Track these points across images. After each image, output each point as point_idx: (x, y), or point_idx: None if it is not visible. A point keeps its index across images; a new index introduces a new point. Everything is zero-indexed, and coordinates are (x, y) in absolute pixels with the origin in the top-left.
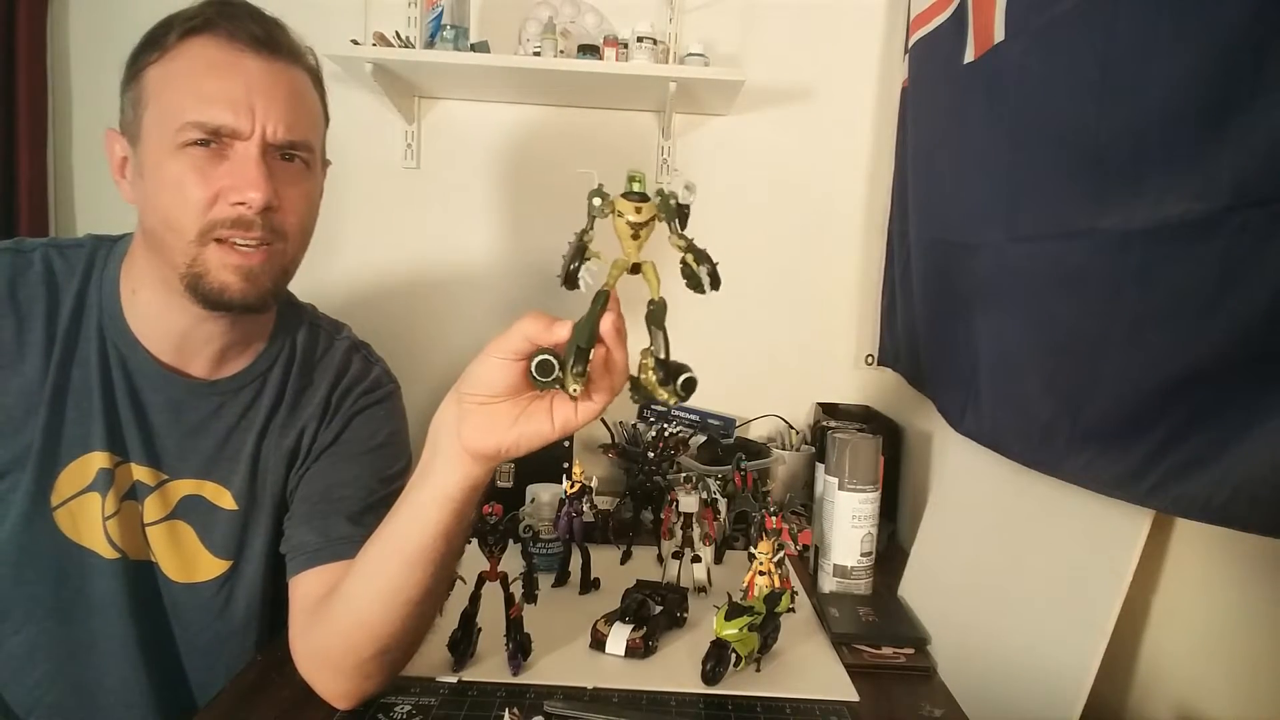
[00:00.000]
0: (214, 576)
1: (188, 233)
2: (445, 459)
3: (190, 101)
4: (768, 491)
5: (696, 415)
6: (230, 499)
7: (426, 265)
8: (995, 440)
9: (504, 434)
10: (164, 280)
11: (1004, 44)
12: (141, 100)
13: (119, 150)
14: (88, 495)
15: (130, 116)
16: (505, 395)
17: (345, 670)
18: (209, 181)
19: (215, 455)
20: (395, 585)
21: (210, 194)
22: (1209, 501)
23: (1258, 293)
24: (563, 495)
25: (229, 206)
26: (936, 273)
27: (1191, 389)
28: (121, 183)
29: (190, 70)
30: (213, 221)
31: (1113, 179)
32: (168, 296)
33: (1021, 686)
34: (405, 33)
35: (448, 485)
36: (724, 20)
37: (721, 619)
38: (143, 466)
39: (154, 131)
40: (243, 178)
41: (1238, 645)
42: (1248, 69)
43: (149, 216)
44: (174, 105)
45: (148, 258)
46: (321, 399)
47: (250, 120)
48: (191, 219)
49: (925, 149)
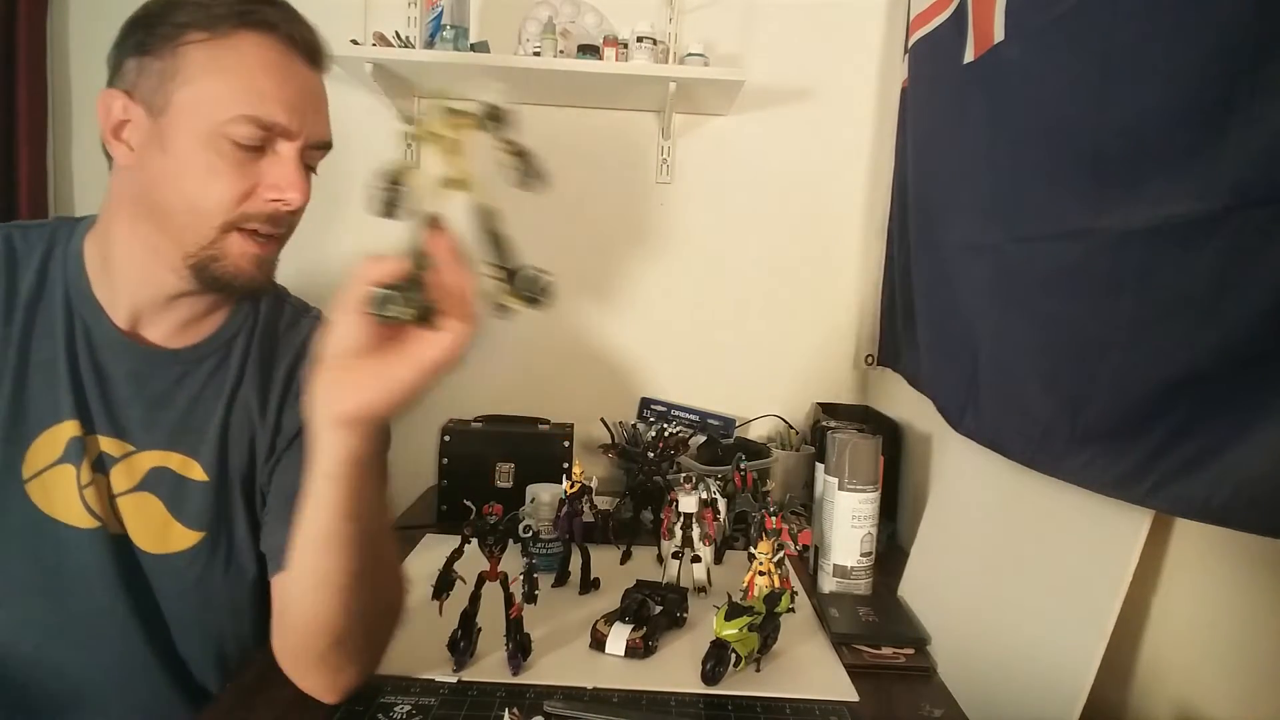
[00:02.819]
0: (187, 547)
1: (214, 219)
2: (319, 436)
3: (246, 97)
4: (767, 491)
5: (696, 415)
6: (200, 470)
7: None
8: (995, 440)
9: (364, 391)
10: (153, 249)
11: (1004, 44)
12: (176, 76)
13: (118, 113)
14: (61, 467)
15: (152, 86)
16: (362, 351)
17: (310, 664)
18: (246, 175)
19: (181, 426)
20: (319, 574)
21: (247, 186)
22: (1209, 501)
23: (1257, 293)
24: (563, 495)
25: (266, 202)
26: (937, 273)
27: (1191, 389)
28: (118, 145)
29: (246, 65)
30: (245, 214)
31: (1112, 179)
32: (150, 265)
33: (1021, 686)
34: (405, 33)
35: (326, 462)
36: (724, 20)
37: (721, 619)
38: (108, 438)
39: (193, 111)
40: (286, 178)
41: (1238, 645)
42: (1247, 69)
43: (165, 193)
44: (226, 95)
45: (136, 226)
46: (284, 376)
47: (300, 122)
48: (224, 207)
49: (925, 149)
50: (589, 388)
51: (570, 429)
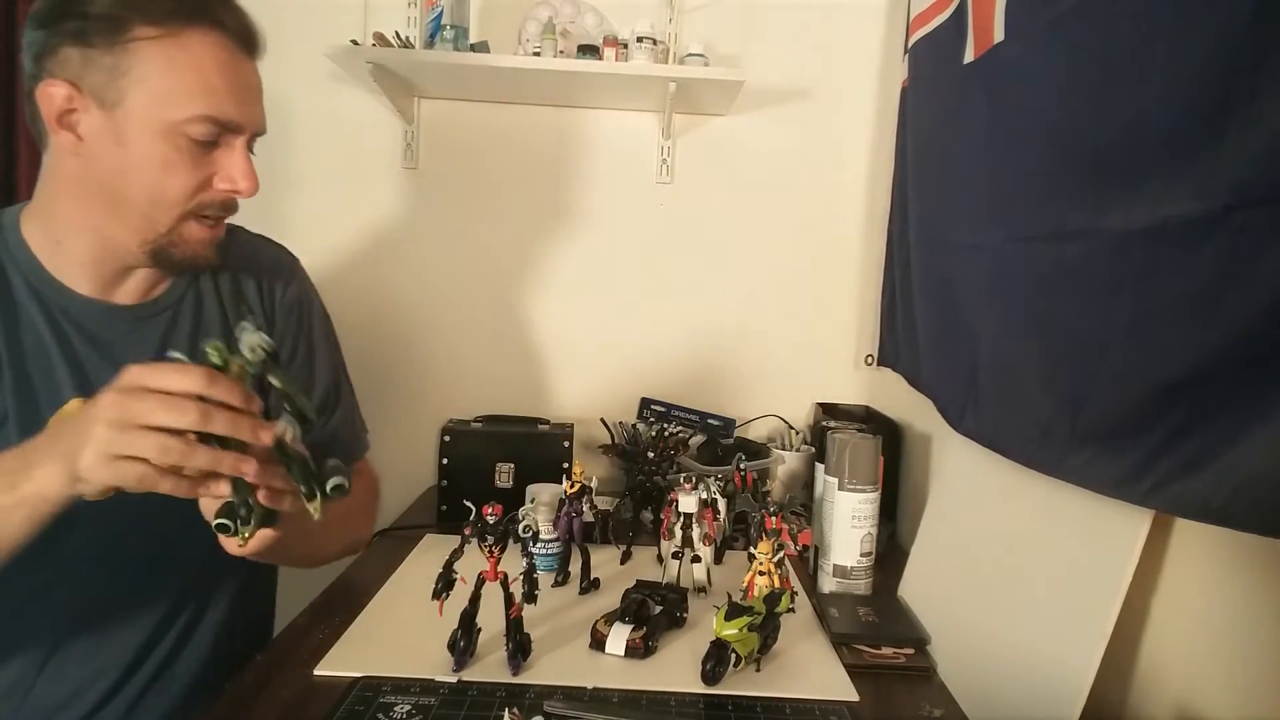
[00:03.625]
0: None
1: (173, 210)
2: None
3: (203, 97)
4: (768, 491)
5: (696, 415)
6: None
7: (425, 265)
8: (995, 440)
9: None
10: (107, 235)
11: (1004, 44)
12: (129, 72)
13: (62, 101)
14: None
15: (101, 80)
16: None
17: None
18: (201, 167)
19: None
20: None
21: (203, 178)
22: (1209, 501)
23: (1257, 293)
24: (563, 495)
25: (220, 191)
26: (936, 273)
27: (1191, 389)
28: (62, 133)
29: (199, 65)
30: (201, 204)
31: (1112, 179)
32: (100, 244)
33: (1021, 686)
34: (405, 33)
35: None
36: (724, 20)
37: (721, 619)
38: None
39: (149, 109)
40: (239, 169)
41: (1238, 645)
42: (1247, 69)
43: (124, 184)
44: (183, 94)
45: (88, 212)
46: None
47: (249, 116)
48: (182, 198)
49: (925, 149)
50: (589, 388)
51: (570, 429)
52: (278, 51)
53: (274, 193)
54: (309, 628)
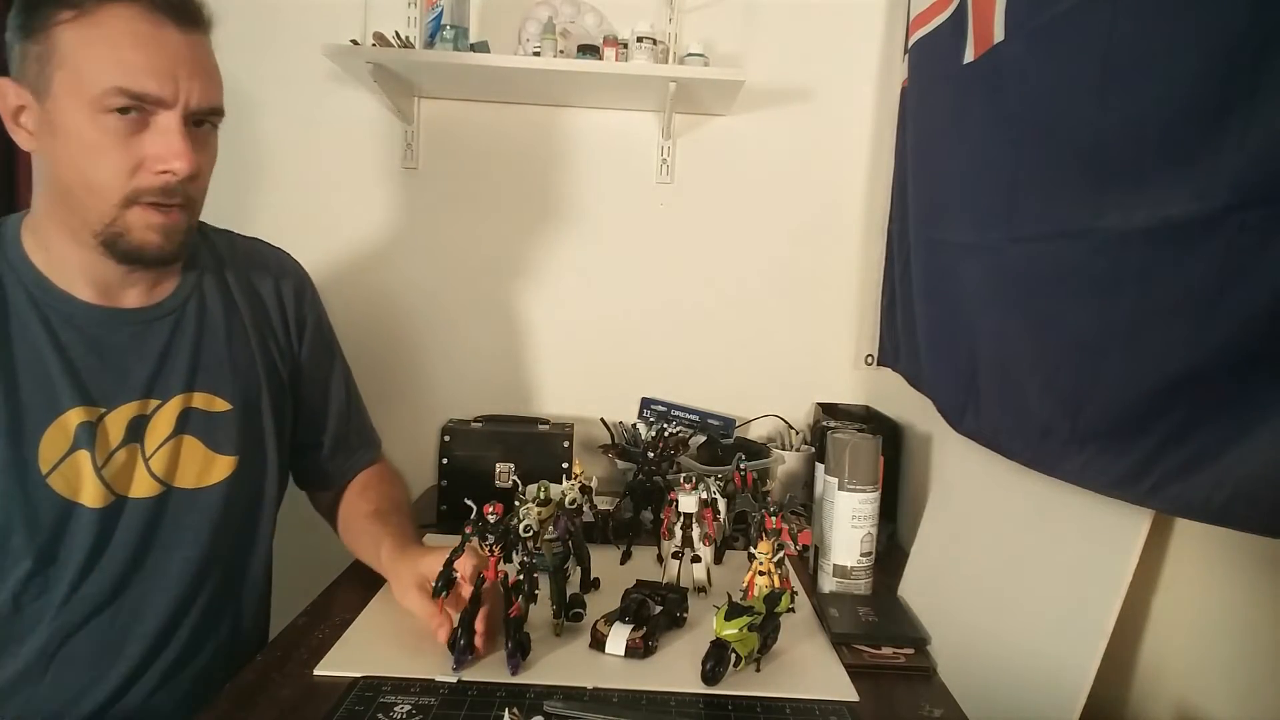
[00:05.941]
0: (225, 476)
1: (111, 196)
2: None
3: (115, 70)
4: (768, 491)
5: (696, 415)
6: (222, 402)
7: (425, 265)
8: (995, 440)
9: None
10: (73, 232)
11: (1004, 44)
12: (52, 59)
13: (13, 99)
14: (76, 454)
15: (35, 71)
16: None
17: None
18: (130, 148)
19: (192, 367)
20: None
21: (134, 161)
22: (1209, 501)
23: (1257, 293)
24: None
25: (154, 175)
26: (936, 273)
27: (1191, 389)
28: (18, 130)
29: (113, 39)
30: (137, 189)
31: (1112, 179)
32: (80, 249)
33: (1021, 686)
34: (405, 33)
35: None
36: (724, 20)
37: (721, 619)
38: (131, 403)
39: (70, 92)
40: (169, 148)
41: (1238, 645)
42: (1248, 69)
43: (64, 173)
44: (96, 71)
45: (54, 212)
46: (273, 297)
47: (174, 90)
48: (116, 184)
49: (925, 149)
50: (589, 388)
51: (570, 429)
52: (278, 51)
53: (274, 193)
54: (309, 628)
